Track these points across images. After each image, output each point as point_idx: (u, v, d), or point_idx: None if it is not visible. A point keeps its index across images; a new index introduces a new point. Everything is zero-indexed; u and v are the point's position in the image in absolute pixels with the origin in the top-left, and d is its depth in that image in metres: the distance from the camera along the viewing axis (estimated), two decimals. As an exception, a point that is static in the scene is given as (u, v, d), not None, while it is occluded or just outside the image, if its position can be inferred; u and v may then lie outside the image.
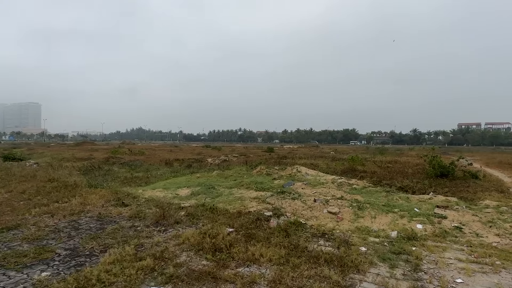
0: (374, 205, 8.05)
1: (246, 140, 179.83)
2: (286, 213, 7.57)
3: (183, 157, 32.32)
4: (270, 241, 5.51)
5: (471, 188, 10.41)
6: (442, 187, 10.87)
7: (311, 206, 8.06)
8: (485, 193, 9.77)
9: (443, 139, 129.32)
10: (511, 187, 11.00)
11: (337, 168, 16.57)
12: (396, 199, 9.20)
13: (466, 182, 11.42)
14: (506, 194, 9.67)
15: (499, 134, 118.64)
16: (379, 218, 7.03)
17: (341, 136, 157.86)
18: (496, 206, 8.09)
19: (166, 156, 33.96)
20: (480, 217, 6.87)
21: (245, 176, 14.59)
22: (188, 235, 5.81)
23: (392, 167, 16.61)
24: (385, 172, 14.80)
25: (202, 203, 8.56)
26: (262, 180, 12.85)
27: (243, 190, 10.53)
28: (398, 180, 12.43)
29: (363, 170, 15.15)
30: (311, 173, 14.05)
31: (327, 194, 9.78)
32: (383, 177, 13.10)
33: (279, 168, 15.13)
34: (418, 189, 11.12)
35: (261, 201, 8.60)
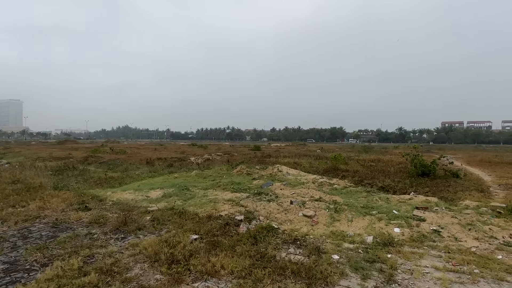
0: (352, 207, 7.70)
1: (234, 138, 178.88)
2: (260, 216, 7.12)
3: (166, 156, 31.50)
4: (236, 249, 5.04)
5: (452, 188, 10.23)
6: (423, 187, 10.66)
7: (287, 209, 7.64)
8: (465, 192, 9.59)
9: (427, 137, 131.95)
10: (491, 186, 10.89)
11: (319, 167, 16.26)
12: (376, 200, 8.89)
13: (447, 181, 11.25)
14: (486, 193, 9.51)
15: (480, 132, 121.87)
16: (356, 221, 6.67)
17: (328, 134, 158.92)
18: (476, 206, 7.87)
19: (149, 155, 33.06)
20: (460, 220, 6.59)
21: (225, 176, 14.08)
22: (146, 244, 5.27)
23: (375, 166, 16.41)
24: (368, 171, 14.56)
25: (171, 206, 8.01)
26: (241, 180, 12.37)
27: (219, 192, 10.02)
28: (380, 179, 12.18)
29: (345, 169, 14.87)
30: (292, 172, 13.67)
31: (306, 195, 9.40)
32: (365, 177, 12.84)
33: (260, 168, 14.68)
34: (399, 188, 10.87)
35: (234, 204, 8.11)
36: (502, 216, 7.05)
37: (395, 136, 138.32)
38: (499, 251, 5.14)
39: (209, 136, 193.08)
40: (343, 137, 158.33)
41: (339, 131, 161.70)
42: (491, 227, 6.24)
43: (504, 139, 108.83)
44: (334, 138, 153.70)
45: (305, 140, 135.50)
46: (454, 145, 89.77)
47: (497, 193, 9.86)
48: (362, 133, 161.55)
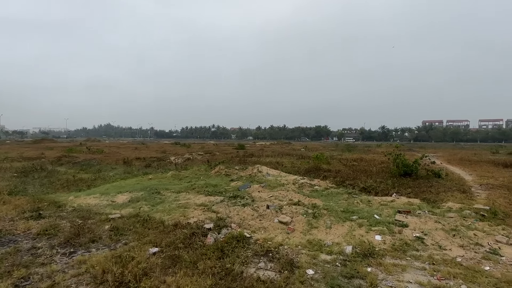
0: (332, 211, 7.22)
1: (219, 137, 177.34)
2: (232, 224, 6.51)
3: (146, 155, 30.44)
4: (198, 266, 4.42)
5: (434, 188, 9.96)
6: (406, 188, 10.35)
7: (262, 214, 7.07)
8: (447, 193, 9.32)
9: (409, 136, 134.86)
10: (473, 186, 10.73)
11: (301, 167, 15.82)
12: (357, 203, 8.46)
13: (429, 182, 11.02)
14: (468, 194, 9.28)
15: (459, 131, 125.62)
16: (335, 228, 6.17)
17: (313, 132, 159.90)
18: (459, 209, 7.55)
19: (128, 154, 31.89)
20: (443, 224, 6.21)
21: (202, 177, 13.39)
22: (95, 260, 4.57)
23: (357, 165, 16.12)
24: (350, 171, 14.22)
25: (136, 213, 7.29)
26: (218, 182, 11.73)
27: (192, 195, 9.35)
28: (362, 180, 11.82)
29: (327, 169, 14.48)
30: (272, 173, 13.13)
31: (284, 198, 8.87)
32: (347, 177, 12.46)
33: (239, 168, 14.07)
34: (381, 189, 10.53)
35: (206, 209, 7.47)
36: (486, 219, 6.74)
37: (378, 134, 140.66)
38: (486, 261, 4.74)
39: (194, 135, 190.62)
40: (328, 135, 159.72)
41: (323, 130, 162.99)
42: (476, 233, 5.88)
43: (481, 138, 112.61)
44: (319, 137, 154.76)
45: (300, 139, 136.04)
46: (435, 144, 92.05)
47: (479, 193, 9.66)
48: (346, 131, 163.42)
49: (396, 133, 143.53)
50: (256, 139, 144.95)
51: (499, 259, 4.83)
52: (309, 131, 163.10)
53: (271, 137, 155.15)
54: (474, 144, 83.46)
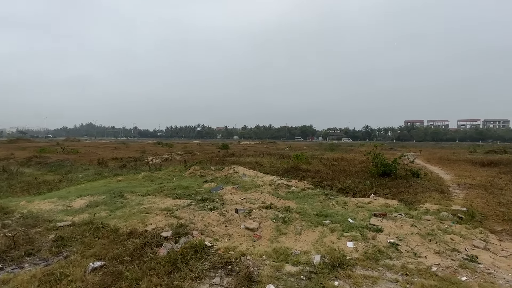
0: (304, 215, 6.75)
1: (205, 136, 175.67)
2: (193, 230, 5.93)
3: (125, 155, 29.36)
4: (141, 284, 3.82)
5: (412, 189, 9.69)
6: (384, 188, 10.04)
7: (230, 219, 6.51)
8: (425, 194, 9.05)
9: (391, 135, 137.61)
10: (451, 186, 10.55)
11: (281, 167, 15.37)
12: (332, 205, 8.04)
13: (408, 182, 10.77)
14: (445, 194, 9.04)
15: (439, 130, 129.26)
16: (305, 234, 5.69)
17: (298, 132, 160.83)
18: (436, 210, 7.25)
19: (106, 154, 30.70)
20: (419, 228, 5.84)
21: (175, 179, 12.72)
22: (19, 280, 3.89)
23: (337, 165, 15.82)
24: (329, 171, 13.87)
25: (90, 220, 6.59)
26: (190, 184, 11.10)
27: (158, 198, 8.69)
28: (341, 180, 11.46)
29: (307, 169, 14.08)
30: (249, 173, 12.60)
31: (257, 200, 8.35)
32: (325, 177, 12.08)
33: (215, 169, 13.47)
34: (359, 190, 10.19)
35: (169, 215, 6.85)
36: (463, 221, 6.44)
37: (362, 134, 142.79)
38: (462, 270, 4.37)
39: (178, 134, 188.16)
40: (313, 135, 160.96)
41: (309, 129, 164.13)
42: (453, 237, 5.54)
43: (459, 137, 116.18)
44: (304, 136, 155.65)
45: (293, 138, 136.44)
46: (416, 143, 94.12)
47: (457, 193, 9.45)
48: (331, 131, 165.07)
49: (379, 132, 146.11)
50: (241, 139, 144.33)
51: (476, 267, 4.47)
52: (294, 130, 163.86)
53: (257, 136, 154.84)
54: (453, 143, 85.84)
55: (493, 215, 7.00)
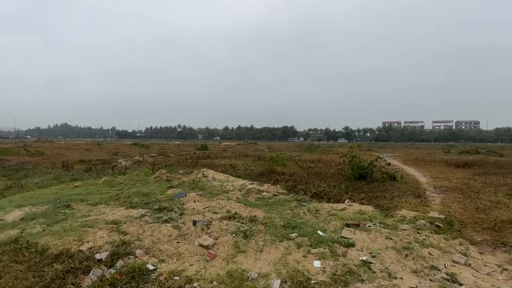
0: (270, 227, 6.01)
1: (185, 137, 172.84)
2: (138, 249, 5.04)
3: (95, 157, 27.72)
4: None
5: (388, 193, 9.20)
6: (359, 192, 9.50)
7: (184, 234, 5.67)
8: (402, 199, 8.57)
9: (370, 136, 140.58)
10: (427, 189, 10.18)
11: (255, 169, 14.62)
12: (303, 213, 7.35)
13: (384, 185, 10.31)
14: (422, 199, 8.61)
15: (415, 131, 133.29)
16: (267, 251, 4.94)
17: (280, 133, 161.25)
18: (413, 218, 6.72)
19: (75, 156, 28.91)
20: (395, 241, 5.24)
21: (138, 184, 11.68)
22: None
23: (314, 167, 15.26)
24: (305, 173, 13.27)
25: (15, 238, 5.54)
26: (152, 190, 10.12)
27: (110, 208, 7.68)
28: (315, 184, 10.85)
29: (282, 172, 13.41)
30: (219, 177, 11.76)
31: (222, 209, 7.55)
32: (300, 181, 11.44)
33: (184, 173, 12.52)
34: (334, 195, 9.60)
35: (114, 229, 5.91)
36: (441, 231, 5.92)
37: (342, 134, 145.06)
38: (443, 294, 3.76)
39: (158, 135, 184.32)
40: (294, 135, 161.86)
41: (290, 130, 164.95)
42: (431, 251, 4.96)
43: (434, 138, 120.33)
44: (285, 137, 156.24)
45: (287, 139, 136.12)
46: (394, 143, 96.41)
47: (433, 197, 9.05)
48: (312, 132, 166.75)
49: (358, 133, 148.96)
50: (223, 140, 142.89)
51: (458, 289, 3.88)
52: (276, 131, 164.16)
53: (238, 137, 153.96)
54: (428, 144, 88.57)
55: (471, 222, 6.55)
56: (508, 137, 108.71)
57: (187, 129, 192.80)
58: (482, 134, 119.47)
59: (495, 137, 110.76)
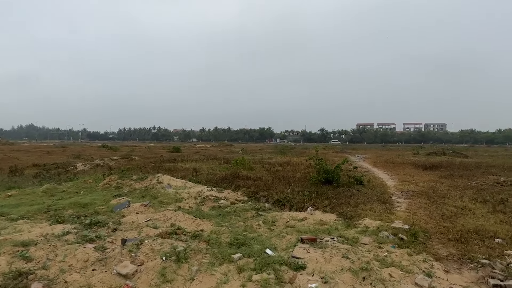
0: (214, 245, 5.16)
1: (161, 138, 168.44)
2: (36, 282, 4.00)
3: (56, 160, 25.65)
4: None
5: (354, 199, 8.63)
6: (323, 199, 8.86)
7: (106, 257, 4.68)
8: (366, 205, 8.01)
9: (345, 138, 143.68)
10: (394, 194, 9.74)
11: (219, 173, 13.72)
12: (257, 226, 6.55)
13: (350, 190, 9.77)
14: (388, 205, 8.09)
15: (387, 133, 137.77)
16: (199, 280, 4.07)
17: (257, 134, 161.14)
18: (376, 229, 6.11)
19: (30, 160, 26.66)
20: (353, 261, 4.54)
21: (82, 192, 10.42)
22: None
23: (281, 171, 14.58)
24: (271, 178, 12.54)
25: None
26: (93, 200, 8.94)
27: (31, 224, 6.48)
28: (279, 189, 10.12)
29: (246, 176, 12.59)
30: (176, 184, 10.73)
31: (165, 222, 6.60)
32: (264, 186, 10.67)
33: (137, 178, 11.38)
34: (297, 202, 8.90)
35: (17, 255, 4.79)
36: (404, 244, 5.32)
37: (318, 136, 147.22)
38: (401, 335, 3.06)
39: (132, 137, 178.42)
40: (271, 137, 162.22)
41: (267, 132, 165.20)
42: (392, 271, 4.31)
43: (404, 139, 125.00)
44: (263, 139, 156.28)
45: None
46: (367, 145, 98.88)
47: (400, 203, 8.58)
48: (289, 133, 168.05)
49: (334, 135, 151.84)
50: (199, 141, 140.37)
51: (419, 325, 3.20)
52: (253, 133, 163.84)
53: (215, 139, 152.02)
54: (399, 145, 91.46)
55: (437, 232, 6.03)
56: (471, 138, 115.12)
57: (162, 131, 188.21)
58: (449, 136, 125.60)
59: (459, 138, 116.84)
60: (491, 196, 8.71)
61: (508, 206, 7.57)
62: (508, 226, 6.13)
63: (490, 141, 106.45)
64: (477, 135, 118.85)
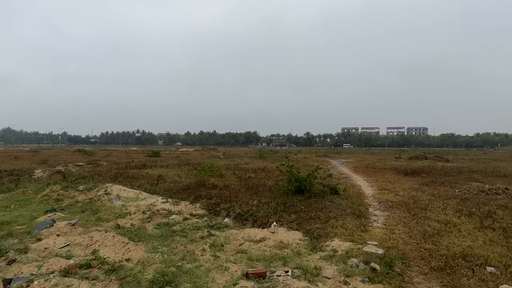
0: (130, 284, 3.89)
1: (144, 142, 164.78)
2: None
3: (19, 166, 23.63)
4: None
5: (325, 213, 7.53)
6: (291, 212, 7.72)
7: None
8: (338, 220, 6.92)
9: (330, 141, 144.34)
10: (371, 205, 8.73)
11: (185, 181, 12.42)
12: (200, 252, 5.30)
13: (323, 201, 8.69)
14: (362, 220, 7.04)
15: (371, 137, 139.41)
16: None
17: (243, 138, 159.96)
18: (344, 254, 5.01)
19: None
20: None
21: (13, 206, 8.89)
22: None
23: (254, 178, 13.40)
24: (240, 186, 11.35)
25: None
26: (17, 217, 7.48)
27: None
28: (244, 201, 8.93)
29: (213, 185, 11.35)
30: (126, 195, 9.36)
31: (87, 248, 5.28)
32: (228, 197, 9.45)
33: (83, 189, 9.94)
34: (261, 216, 7.74)
35: None
36: (377, 277, 4.23)
37: (304, 140, 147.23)
38: None
39: (115, 141, 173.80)
40: (257, 141, 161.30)
41: (253, 136, 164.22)
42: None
43: (388, 143, 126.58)
44: (248, 142, 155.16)
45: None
46: (351, 148, 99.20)
47: (376, 216, 7.55)
48: (275, 137, 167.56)
49: (319, 138, 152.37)
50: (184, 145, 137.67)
51: None
52: (239, 137, 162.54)
53: (200, 142, 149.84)
54: (383, 149, 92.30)
55: (417, 257, 4.98)
56: (451, 142, 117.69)
57: (146, 134, 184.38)
58: (430, 139, 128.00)
59: (440, 142, 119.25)
60: (477, 207, 7.78)
61: (496, 221, 6.64)
62: (500, 248, 5.15)
63: (469, 145, 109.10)
64: (457, 139, 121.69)
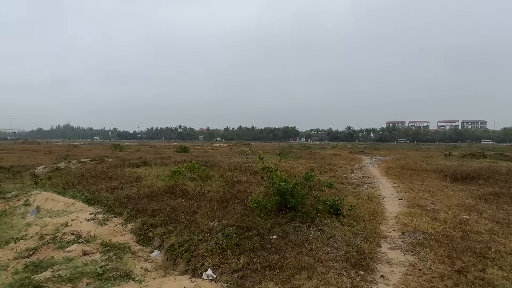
0: None
1: (185, 137, 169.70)
2: None
3: (39, 161, 23.57)
4: None
5: (301, 254, 4.51)
6: (246, 250, 4.81)
7: None
8: (313, 277, 3.92)
9: (373, 136, 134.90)
10: (387, 238, 5.45)
11: (159, 184, 10.07)
12: None
13: (309, 228, 5.63)
14: (360, 275, 3.95)
15: (419, 131, 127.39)
16: None
17: (281, 133, 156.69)
18: None
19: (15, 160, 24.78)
20: None
21: None
22: None
23: (244, 182, 10.57)
24: (221, 194, 8.66)
25: None
26: None
27: None
28: (200, 221, 6.22)
29: (183, 191, 8.80)
30: (51, 206, 7.16)
31: None
32: (182, 212, 6.82)
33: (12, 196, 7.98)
34: (200, 253, 4.97)
35: None
36: None
37: (344, 135, 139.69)
38: None
39: (159, 136, 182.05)
40: (296, 136, 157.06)
41: (292, 130, 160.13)
42: None
43: (439, 138, 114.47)
44: (287, 137, 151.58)
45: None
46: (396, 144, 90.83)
47: (390, 265, 4.35)
48: (314, 132, 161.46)
49: (361, 133, 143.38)
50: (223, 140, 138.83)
51: None
52: (277, 131, 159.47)
53: (239, 137, 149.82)
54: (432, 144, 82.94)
55: None
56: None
57: (188, 130, 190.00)
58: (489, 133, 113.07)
59: (502, 137, 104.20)
60: None
61: None
62: None
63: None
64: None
